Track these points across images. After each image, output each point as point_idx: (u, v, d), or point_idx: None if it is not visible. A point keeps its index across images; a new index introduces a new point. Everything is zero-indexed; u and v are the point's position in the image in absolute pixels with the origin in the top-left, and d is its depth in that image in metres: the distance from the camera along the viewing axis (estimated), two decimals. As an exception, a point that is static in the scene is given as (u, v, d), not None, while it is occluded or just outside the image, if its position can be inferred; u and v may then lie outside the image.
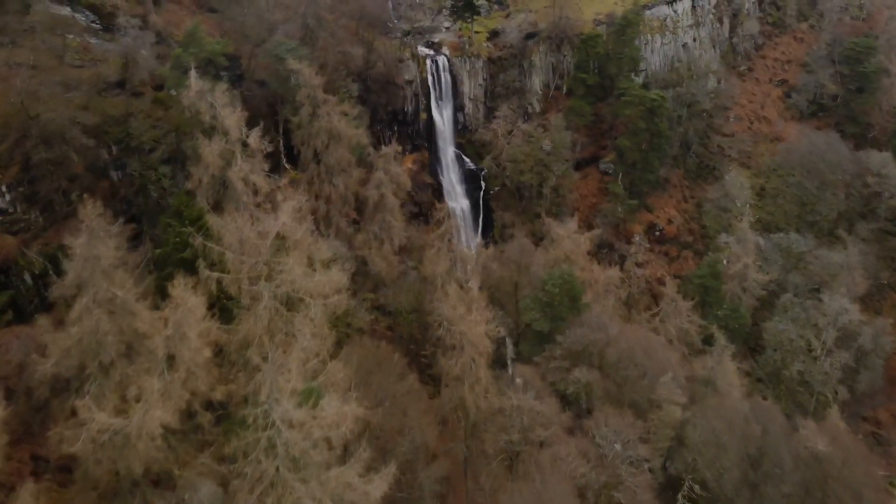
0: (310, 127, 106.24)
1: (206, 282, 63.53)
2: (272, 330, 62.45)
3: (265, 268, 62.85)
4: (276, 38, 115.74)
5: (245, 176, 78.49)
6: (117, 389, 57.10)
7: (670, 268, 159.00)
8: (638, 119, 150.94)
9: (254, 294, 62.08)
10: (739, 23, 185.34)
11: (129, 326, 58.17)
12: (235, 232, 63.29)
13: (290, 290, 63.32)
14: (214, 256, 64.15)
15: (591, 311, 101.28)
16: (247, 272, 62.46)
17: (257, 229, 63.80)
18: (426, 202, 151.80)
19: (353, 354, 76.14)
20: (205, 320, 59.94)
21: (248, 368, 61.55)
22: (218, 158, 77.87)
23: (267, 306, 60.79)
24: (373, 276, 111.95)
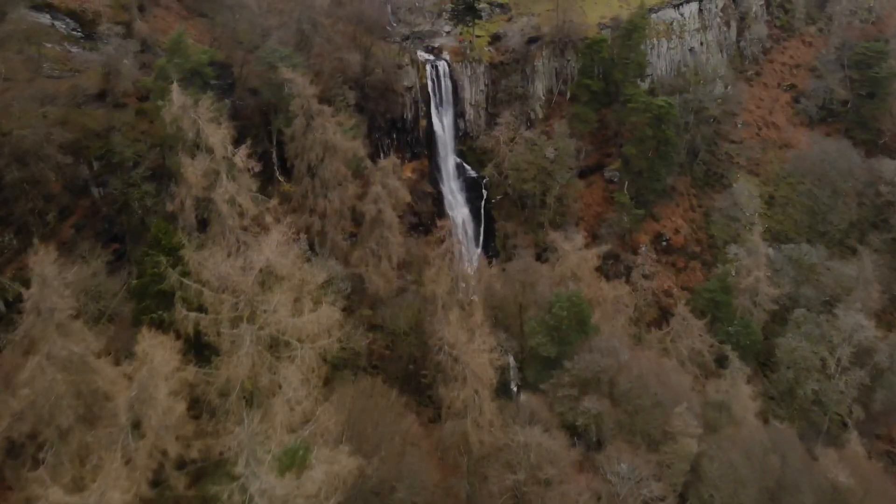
0: (303, 139, 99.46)
1: (183, 322, 56.74)
2: (256, 375, 55.69)
3: (247, 307, 55.97)
4: (269, 45, 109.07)
5: (231, 197, 71.70)
6: (76, 458, 50.21)
7: (677, 279, 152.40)
8: (644, 126, 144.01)
9: (234, 338, 55.27)
10: (747, 26, 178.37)
11: (88, 387, 51.34)
12: (214, 267, 56.39)
13: (275, 331, 56.45)
14: (191, 294, 57.35)
15: (601, 335, 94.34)
16: (227, 312, 55.62)
17: (239, 264, 56.82)
18: (426, 212, 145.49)
19: (346, 395, 69.29)
20: (179, 370, 53.07)
21: (228, 419, 54.78)
22: (201, 178, 71.07)
23: (248, 353, 53.95)
24: (370, 294, 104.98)
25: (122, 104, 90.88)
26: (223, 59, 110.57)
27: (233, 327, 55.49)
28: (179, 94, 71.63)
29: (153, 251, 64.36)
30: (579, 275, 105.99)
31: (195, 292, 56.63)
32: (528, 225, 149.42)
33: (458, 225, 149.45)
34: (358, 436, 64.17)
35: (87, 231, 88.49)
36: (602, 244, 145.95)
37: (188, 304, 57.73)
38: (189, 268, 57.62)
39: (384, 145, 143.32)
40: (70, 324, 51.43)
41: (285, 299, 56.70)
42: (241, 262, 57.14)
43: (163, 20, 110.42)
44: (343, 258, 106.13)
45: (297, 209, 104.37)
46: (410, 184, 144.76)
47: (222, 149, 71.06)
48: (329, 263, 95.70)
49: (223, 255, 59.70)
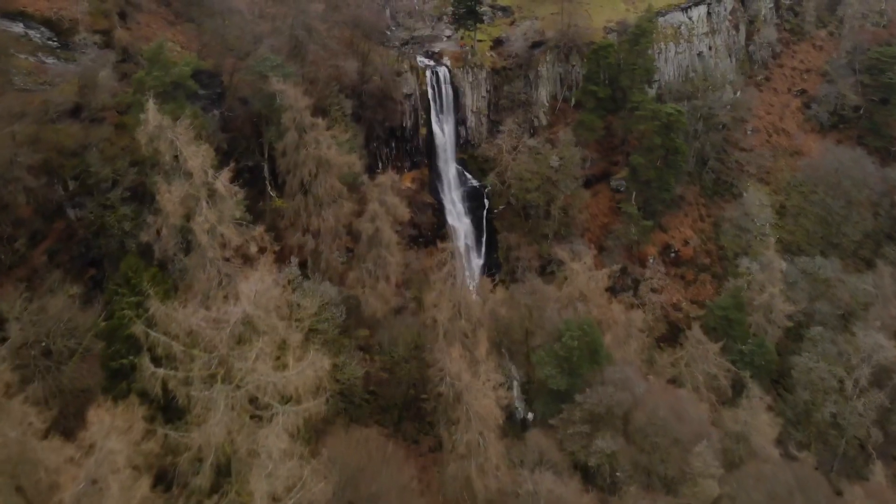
0: (295, 154, 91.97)
1: (150, 379, 49.14)
2: (233, 440, 48.10)
3: (221, 366, 48.37)
4: (261, 53, 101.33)
5: (211, 227, 63.99)
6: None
7: (686, 292, 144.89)
8: (653, 135, 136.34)
9: (206, 402, 47.64)
10: (756, 29, 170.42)
11: (29, 476, 43.84)
12: (184, 320, 48.73)
13: (254, 391, 48.81)
14: (160, 348, 49.70)
15: (614, 364, 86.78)
16: (199, 370, 48.02)
17: (213, 315, 49.15)
18: (426, 223, 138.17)
19: (338, 448, 61.67)
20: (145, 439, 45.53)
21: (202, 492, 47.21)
22: (179, 206, 63.36)
23: (222, 420, 46.34)
24: (366, 318, 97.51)
25: (100, 119, 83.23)
26: (211, 68, 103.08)
27: (206, 387, 47.82)
28: (156, 112, 63.76)
29: (123, 290, 56.78)
30: (588, 295, 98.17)
31: (164, 346, 49.09)
32: (532, 236, 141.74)
33: (459, 236, 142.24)
34: (352, 497, 56.63)
35: (62, 256, 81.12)
36: (609, 256, 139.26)
37: (156, 359, 50.18)
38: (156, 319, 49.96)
39: (382, 155, 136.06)
40: (5, 403, 43.72)
41: (266, 352, 49.00)
42: (217, 310, 49.30)
43: (148, 27, 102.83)
44: (338, 279, 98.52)
45: (289, 227, 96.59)
46: (410, 194, 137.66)
47: (202, 173, 63.32)
48: (322, 287, 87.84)
49: (196, 303, 51.95)
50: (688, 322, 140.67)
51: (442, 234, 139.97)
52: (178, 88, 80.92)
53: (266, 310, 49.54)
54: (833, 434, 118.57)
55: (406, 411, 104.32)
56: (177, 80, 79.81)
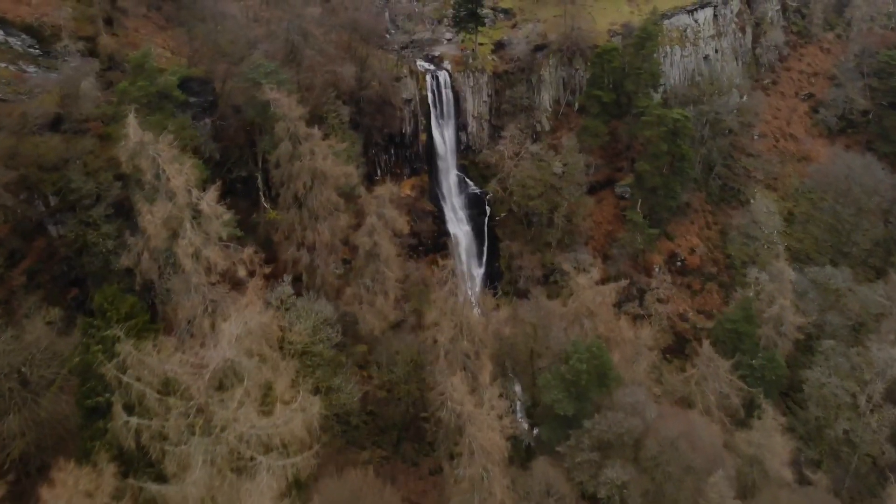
0: (290, 165, 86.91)
1: (122, 430, 44.13)
2: (213, 497, 43.13)
3: (199, 416, 43.36)
4: (254, 59, 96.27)
5: (196, 251, 58.98)
6: None
7: (693, 302, 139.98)
8: (659, 141, 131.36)
9: (182, 459, 42.65)
10: (763, 32, 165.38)
11: None
12: (158, 366, 43.74)
13: (235, 443, 43.80)
14: (133, 395, 44.69)
15: (624, 386, 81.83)
16: (175, 421, 43.04)
17: (189, 360, 44.11)
18: (426, 231, 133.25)
19: (330, 494, 56.66)
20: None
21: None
22: (162, 228, 58.36)
23: (198, 480, 41.34)
24: (364, 336, 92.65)
25: (83, 130, 78.01)
26: (202, 75, 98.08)
27: (183, 439, 42.83)
28: (137, 127, 58.71)
29: (98, 322, 51.83)
30: (595, 311, 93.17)
31: (136, 393, 44.13)
32: (535, 244, 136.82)
33: (460, 244, 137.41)
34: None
35: (43, 276, 76.09)
36: (613, 265, 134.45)
37: (130, 406, 45.17)
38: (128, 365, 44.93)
39: (381, 162, 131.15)
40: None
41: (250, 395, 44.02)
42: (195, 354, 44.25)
43: (136, 32, 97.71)
44: (334, 294, 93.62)
45: (283, 241, 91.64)
46: (409, 202, 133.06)
47: (185, 194, 58.23)
48: (317, 306, 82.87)
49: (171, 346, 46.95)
50: (694, 332, 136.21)
51: (442, 241, 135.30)
52: (164, 99, 75.75)
53: (249, 353, 44.57)
54: (845, 451, 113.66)
55: (405, 432, 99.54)
56: (163, 91, 74.63)
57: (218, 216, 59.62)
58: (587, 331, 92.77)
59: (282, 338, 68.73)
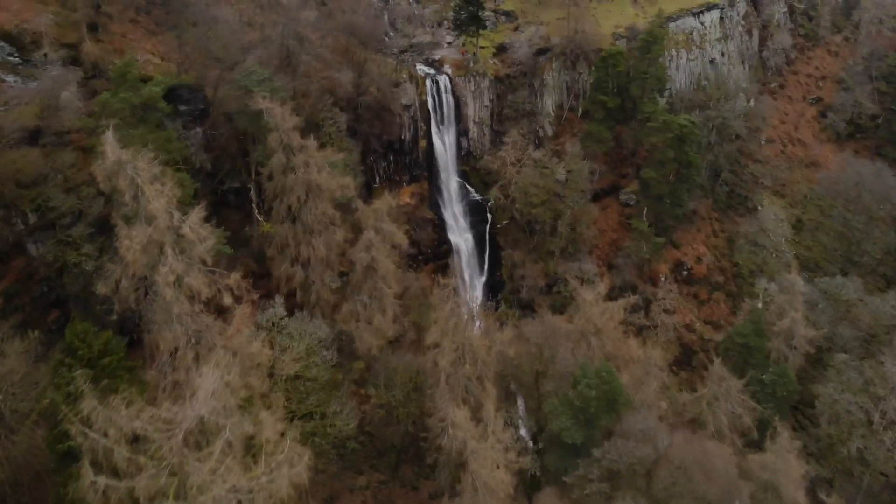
0: (283, 178, 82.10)
1: (90, 491, 39.23)
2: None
3: (172, 479, 38.46)
4: (246, 66, 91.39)
5: (178, 278, 54.09)
6: None
7: (700, 312, 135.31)
8: (665, 147, 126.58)
9: (153, 527, 37.87)
10: (769, 35, 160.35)
11: None
12: (126, 423, 38.87)
13: (213, 507, 38.89)
14: (100, 451, 39.82)
15: (634, 411, 77.00)
16: (146, 483, 38.17)
17: (162, 415, 39.19)
18: (426, 240, 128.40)
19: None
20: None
21: None
22: (141, 254, 53.46)
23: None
24: (362, 354, 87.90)
25: (64, 143, 73.05)
26: (193, 82, 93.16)
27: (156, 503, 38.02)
28: (115, 145, 53.77)
29: (69, 360, 47.01)
30: (602, 328, 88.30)
31: (104, 450, 39.30)
32: (538, 253, 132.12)
33: (461, 252, 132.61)
34: None
35: (22, 298, 71.25)
36: (618, 275, 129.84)
37: (97, 464, 40.28)
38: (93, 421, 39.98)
39: (380, 169, 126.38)
40: None
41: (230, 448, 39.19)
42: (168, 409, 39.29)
43: (124, 38, 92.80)
44: (330, 312, 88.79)
45: (276, 256, 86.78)
46: (409, 210, 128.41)
47: (166, 216, 53.32)
48: (311, 327, 78.10)
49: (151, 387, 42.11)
50: (702, 344, 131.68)
51: (443, 250, 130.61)
52: (149, 111, 70.74)
53: (229, 410, 39.64)
54: (858, 469, 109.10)
55: (404, 454, 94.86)
56: (147, 102, 69.60)
57: (202, 240, 54.59)
58: (594, 349, 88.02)
59: (272, 365, 63.91)
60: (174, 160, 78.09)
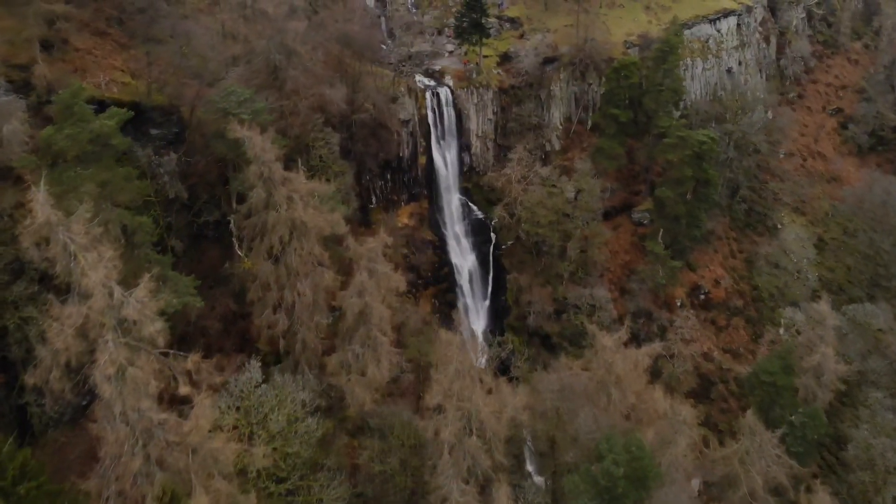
0: (264, 215, 70.41)
1: None
2: None
3: None
4: (225, 85, 79.80)
5: (120, 370, 42.54)
6: None
7: (718, 340, 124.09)
8: (683, 165, 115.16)
9: None
10: (787, 42, 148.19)
11: None
12: None
13: None
14: None
15: (666, 489, 65.60)
16: None
17: None
18: (426, 263, 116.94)
19: None
20: None
21: None
22: (74, 340, 41.91)
23: None
24: (354, 410, 76.44)
25: (4, 183, 61.36)
26: (166, 102, 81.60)
27: None
28: (45, 202, 42.13)
29: None
30: (624, 378, 77.00)
31: None
32: (545, 276, 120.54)
33: (463, 274, 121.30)
34: None
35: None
36: (632, 300, 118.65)
37: None
38: None
39: (377, 188, 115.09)
40: None
41: None
42: None
43: (89, 54, 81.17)
44: (318, 362, 77.36)
45: (257, 302, 75.27)
46: (408, 232, 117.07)
47: (104, 294, 41.68)
48: (292, 388, 66.67)
49: None
50: (720, 374, 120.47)
51: (443, 273, 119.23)
52: (103, 147, 58.84)
53: None
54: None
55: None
56: (100, 137, 57.73)
57: (151, 320, 42.96)
58: (615, 402, 76.82)
59: (242, 457, 52.40)
60: (144, 195, 67.08)
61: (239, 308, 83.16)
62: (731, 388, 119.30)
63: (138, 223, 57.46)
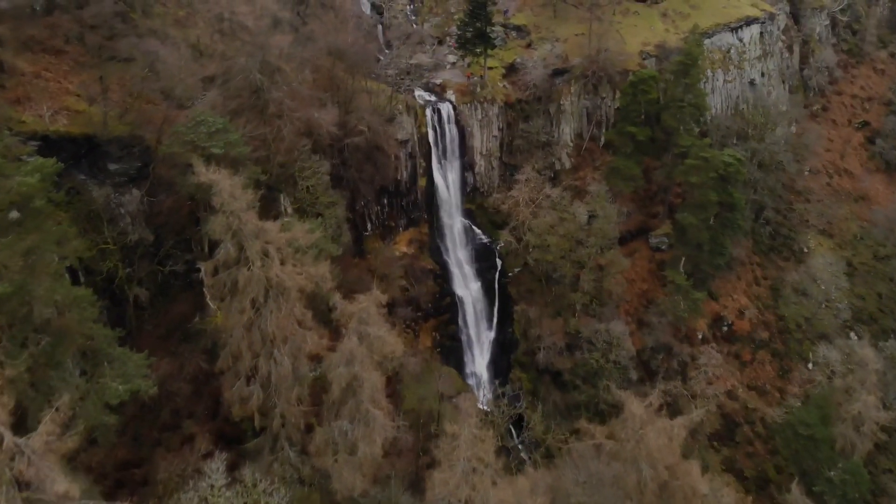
0: (235, 272, 57.00)
1: None
2: None
3: None
4: (195, 112, 66.35)
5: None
6: None
7: (742, 376, 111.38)
8: (707, 189, 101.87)
9: None
10: (810, 51, 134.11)
11: None
12: None
13: None
14: None
15: None
16: None
17: None
18: (425, 294, 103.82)
19: None
20: None
21: None
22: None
23: None
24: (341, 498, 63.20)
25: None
26: (126, 134, 68.24)
27: None
28: None
29: None
30: (657, 454, 63.86)
31: None
32: (556, 306, 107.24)
33: (465, 304, 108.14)
34: None
35: None
36: (650, 333, 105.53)
37: None
38: None
39: (372, 214, 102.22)
40: None
41: None
42: None
43: (38, 79, 67.70)
44: (300, 438, 64.16)
45: (227, 370, 62.04)
46: (407, 261, 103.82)
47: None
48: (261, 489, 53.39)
49: None
50: (746, 414, 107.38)
51: (445, 304, 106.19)
52: (27, 211, 45.01)
53: None
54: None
55: None
56: (22, 198, 43.99)
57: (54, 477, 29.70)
58: (647, 480, 63.74)
59: None
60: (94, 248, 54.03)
61: (211, 367, 69.70)
62: (757, 430, 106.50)
63: (73, 298, 44.08)
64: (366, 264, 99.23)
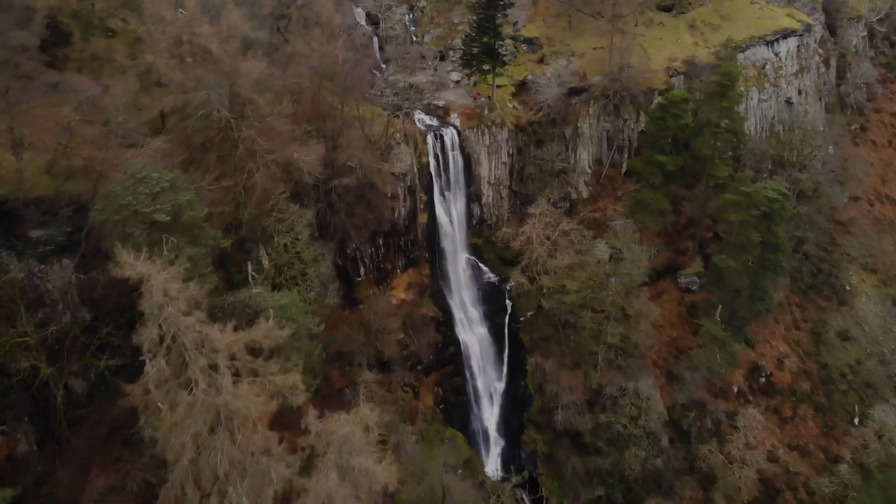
0: (173, 398, 39.92)
1: None
2: None
3: None
4: (136, 167, 49.44)
5: None
6: None
7: (783, 434, 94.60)
8: (748, 227, 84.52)
9: None
10: (847, 65, 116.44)
11: None
12: None
13: None
14: None
15: None
16: None
17: None
18: (426, 345, 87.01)
19: None
20: None
21: None
22: None
23: None
24: None
25: None
26: (50, 193, 51.22)
27: None
28: None
29: None
30: None
31: None
32: (574, 356, 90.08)
33: (471, 352, 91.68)
34: None
35: None
36: (682, 389, 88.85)
37: None
38: None
39: (365, 257, 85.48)
40: None
41: None
42: None
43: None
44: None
45: None
46: (406, 309, 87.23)
47: None
48: None
49: None
50: (787, 479, 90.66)
51: (448, 354, 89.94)
52: None
53: None
54: None
55: None
56: None
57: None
58: None
59: None
60: None
61: (161, 482, 52.77)
62: (800, 497, 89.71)
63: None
64: (357, 317, 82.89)
